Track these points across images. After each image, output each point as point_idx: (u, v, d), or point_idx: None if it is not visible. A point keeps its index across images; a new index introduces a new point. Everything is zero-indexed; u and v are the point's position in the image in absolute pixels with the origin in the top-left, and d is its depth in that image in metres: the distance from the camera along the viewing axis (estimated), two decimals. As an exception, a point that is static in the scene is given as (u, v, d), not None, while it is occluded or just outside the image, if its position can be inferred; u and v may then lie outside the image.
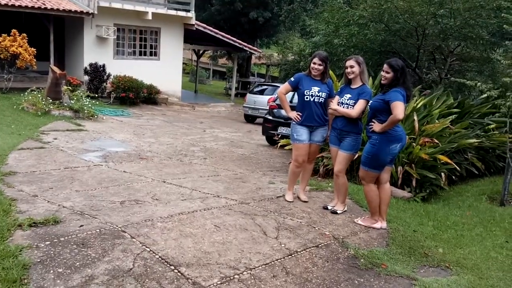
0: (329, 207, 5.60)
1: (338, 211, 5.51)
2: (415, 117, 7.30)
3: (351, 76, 5.28)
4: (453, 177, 7.73)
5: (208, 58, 37.08)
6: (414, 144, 7.12)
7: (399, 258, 4.40)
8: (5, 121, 10.18)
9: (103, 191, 5.66)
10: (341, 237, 4.77)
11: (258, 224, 4.84)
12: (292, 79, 5.71)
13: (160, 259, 3.77)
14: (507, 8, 7.71)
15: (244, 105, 18.60)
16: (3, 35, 13.46)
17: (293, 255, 4.16)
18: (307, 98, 5.54)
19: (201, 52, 26.99)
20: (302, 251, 4.28)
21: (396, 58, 5.13)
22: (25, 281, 3.23)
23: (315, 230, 4.88)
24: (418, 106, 7.68)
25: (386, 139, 4.85)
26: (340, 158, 5.36)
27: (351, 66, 5.27)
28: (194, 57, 29.58)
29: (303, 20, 16.54)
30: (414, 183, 6.94)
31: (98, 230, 4.23)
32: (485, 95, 8.11)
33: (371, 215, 5.23)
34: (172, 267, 3.64)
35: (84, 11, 16.33)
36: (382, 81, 4.95)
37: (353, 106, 5.21)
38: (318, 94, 5.51)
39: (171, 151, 9.28)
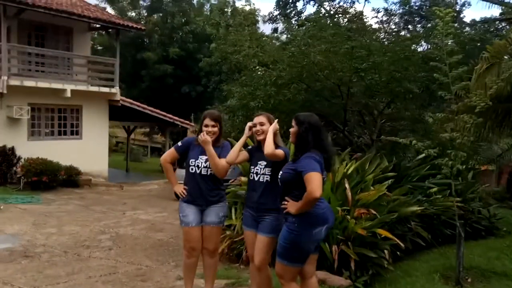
0: None
1: None
2: (347, 185, 6.25)
3: (260, 137, 4.19)
4: (398, 252, 6.60)
5: (142, 135, 35.85)
6: (348, 217, 6.02)
7: None
8: None
9: None
10: None
11: None
12: (179, 143, 4.56)
13: None
14: (437, 60, 6.94)
15: (173, 181, 17.25)
16: None
17: None
18: (192, 169, 4.39)
19: (131, 128, 25.72)
20: None
21: (313, 114, 4.09)
22: None
23: None
24: (350, 171, 6.65)
25: (307, 222, 3.63)
26: (260, 245, 4.12)
27: (261, 124, 4.19)
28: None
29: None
30: (353, 265, 5.75)
31: None
32: (422, 155, 7.29)
33: None
34: None
35: (-11, 91, 14.85)
36: (290, 140, 3.91)
37: (270, 176, 4.08)
38: (206, 165, 4.36)
39: (71, 243, 7.82)
